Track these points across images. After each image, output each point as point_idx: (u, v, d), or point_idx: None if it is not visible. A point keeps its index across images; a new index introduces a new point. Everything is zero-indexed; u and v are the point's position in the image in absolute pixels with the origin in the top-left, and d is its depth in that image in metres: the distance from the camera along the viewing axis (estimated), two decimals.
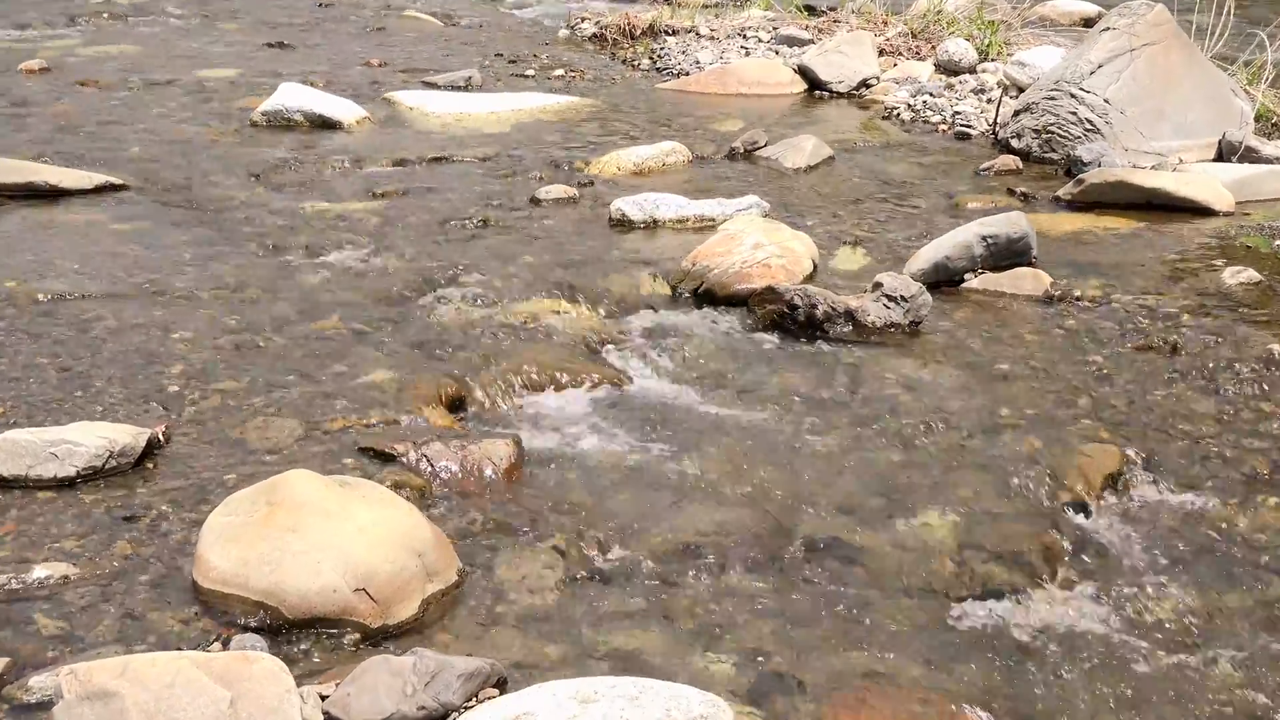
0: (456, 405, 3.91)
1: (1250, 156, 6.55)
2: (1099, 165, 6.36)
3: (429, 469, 3.41)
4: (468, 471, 3.43)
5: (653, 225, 5.73)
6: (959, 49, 8.94)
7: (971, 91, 8.39)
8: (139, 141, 6.98)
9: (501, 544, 3.11)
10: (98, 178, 6.08)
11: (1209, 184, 6.05)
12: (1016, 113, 7.22)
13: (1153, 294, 4.87)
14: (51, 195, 5.89)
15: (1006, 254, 5.05)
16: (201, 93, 8.28)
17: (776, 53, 9.77)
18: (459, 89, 8.71)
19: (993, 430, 3.79)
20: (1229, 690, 2.71)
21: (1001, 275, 4.99)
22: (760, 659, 2.74)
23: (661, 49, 10.17)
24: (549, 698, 2.31)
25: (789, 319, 4.56)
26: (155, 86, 8.41)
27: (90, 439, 3.33)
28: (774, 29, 10.35)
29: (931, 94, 8.37)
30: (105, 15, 11.16)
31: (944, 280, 5.00)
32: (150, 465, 3.40)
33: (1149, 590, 3.05)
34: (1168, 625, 2.93)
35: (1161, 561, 3.17)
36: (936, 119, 8.00)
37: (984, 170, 6.79)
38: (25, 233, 5.41)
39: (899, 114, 8.20)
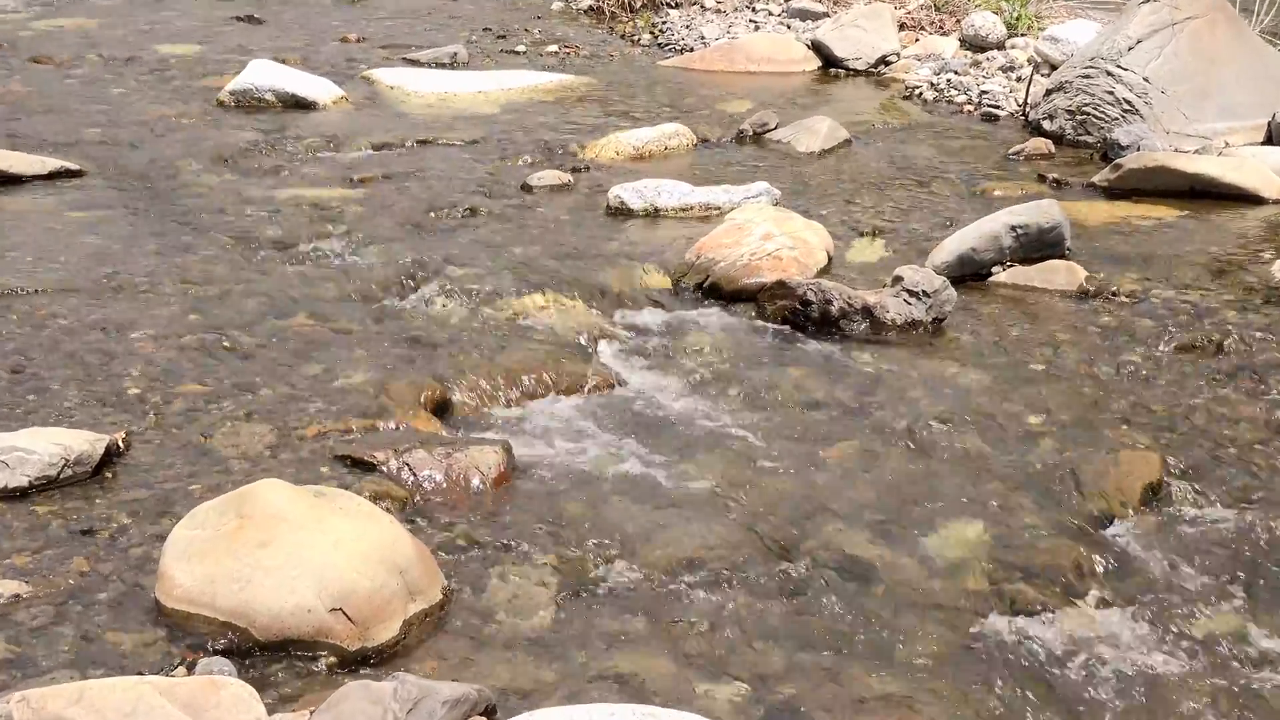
0: (441, 410, 3.91)
1: None
2: (1138, 149, 6.36)
3: (411, 479, 3.41)
4: (453, 481, 3.43)
5: (653, 214, 5.73)
6: (986, 23, 8.95)
7: (999, 69, 8.39)
8: (97, 123, 6.98)
9: (490, 560, 3.11)
10: (52, 163, 6.08)
11: (1258, 169, 6.06)
12: (1048, 92, 7.22)
13: (1196, 289, 4.87)
14: (1, 181, 5.89)
15: (1037, 245, 5.05)
16: (164, 70, 8.29)
17: (788, 27, 9.78)
18: (444, 67, 8.71)
19: (1022, 437, 3.79)
20: None
21: (1032, 268, 4.99)
22: (770, 686, 2.74)
23: (664, 23, 10.18)
24: None
25: (801, 316, 4.56)
26: (114, 63, 8.42)
27: (44, 446, 3.33)
28: (785, 1, 10.36)
29: (956, 72, 8.37)
30: None
31: (970, 274, 5.00)
32: (109, 474, 3.40)
33: (1192, 612, 3.05)
34: (1213, 650, 2.93)
35: (1205, 581, 3.17)
36: (961, 99, 8.01)
37: (1013, 154, 6.79)
38: None
39: (921, 93, 8.20)
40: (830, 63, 8.93)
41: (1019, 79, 8.12)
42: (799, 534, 3.28)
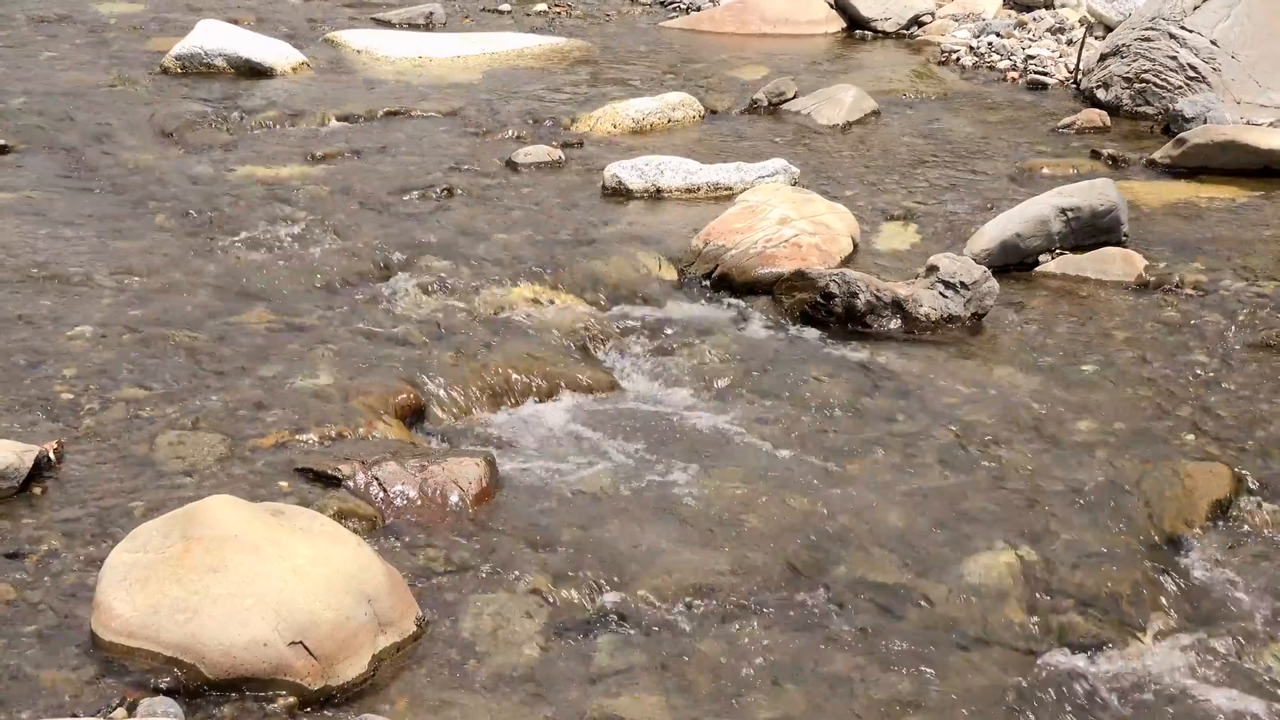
0: (415, 416, 3.91)
1: None
2: (1204, 121, 6.37)
3: (381, 495, 3.41)
4: (429, 498, 3.43)
5: (655, 195, 5.73)
6: None
7: (1048, 31, 8.40)
8: (25, 92, 6.98)
9: (470, 587, 3.11)
10: None
11: None
12: (1103, 57, 7.23)
13: (1270, 279, 4.87)
14: None
15: (1090, 230, 5.05)
16: (102, 32, 8.29)
17: None
18: (417, 28, 8.72)
19: (1073, 448, 3.79)
20: None
21: (1084, 257, 5.00)
22: None
23: None
24: None
25: (823, 311, 4.56)
26: (44, 25, 8.42)
27: None
28: None
29: (999, 34, 8.37)
30: None
31: (1013, 263, 5.00)
32: (39, 490, 3.40)
33: (1265, 643, 3.05)
34: None
35: None
36: (1005, 65, 8.01)
37: (1063, 128, 6.79)
38: None
39: (959, 58, 8.21)
40: (856, 23, 8.93)
41: (1070, 42, 8.13)
42: (820, 558, 3.28)
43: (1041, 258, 5.02)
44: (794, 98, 7.15)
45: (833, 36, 8.86)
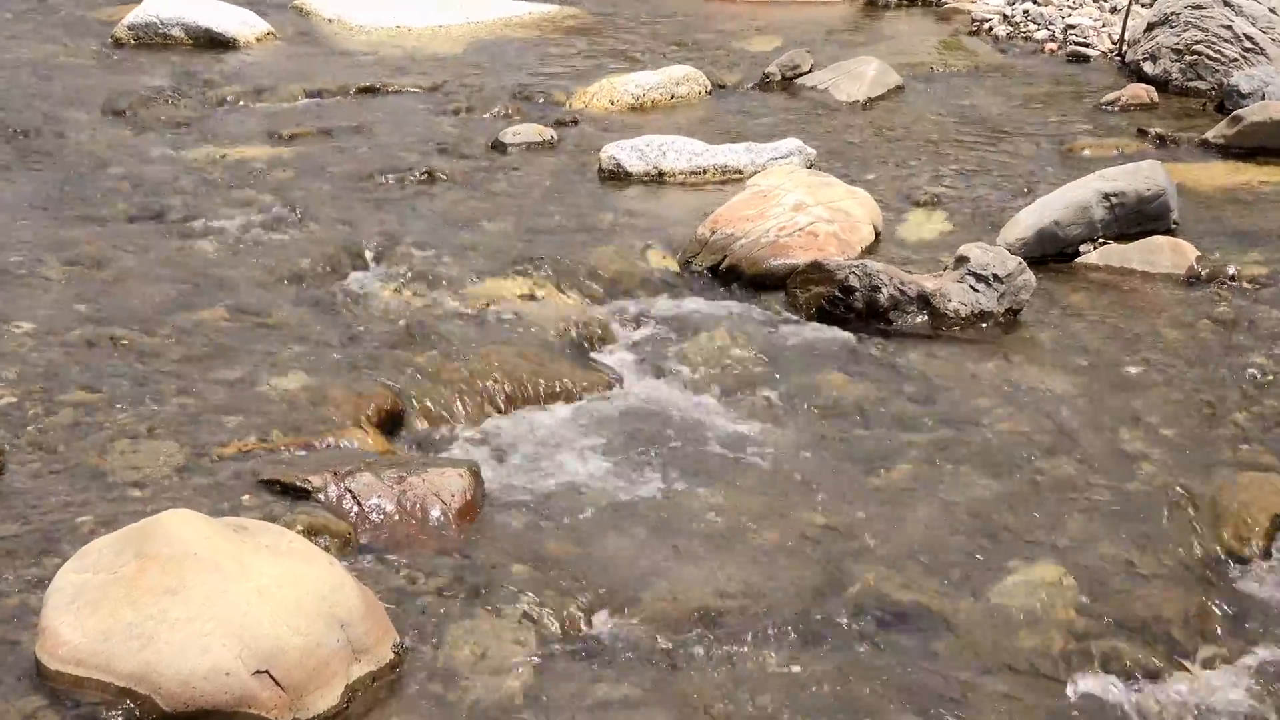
0: (392, 423, 3.91)
1: None
2: (1262, 97, 6.36)
3: (355, 509, 3.41)
4: (408, 512, 3.43)
5: (657, 179, 5.73)
6: None
7: None
8: None
9: (453, 610, 3.11)
10: None
11: None
12: (1150, 26, 7.22)
13: None
14: None
15: (1136, 218, 5.05)
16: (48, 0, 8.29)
17: None
18: None
19: (1118, 458, 3.79)
20: None
21: (1129, 246, 4.99)
22: None
23: None
24: None
25: (842, 306, 4.56)
26: None
27: None
28: None
29: (1035, 1, 8.37)
30: None
31: (1051, 253, 5.00)
32: None
33: None
34: None
35: None
36: (1042, 35, 8.01)
37: (1106, 104, 6.79)
38: None
39: (991, 28, 8.20)
40: None
41: (1114, 10, 8.12)
42: (838, 578, 3.28)
43: (1082, 248, 5.02)
44: (810, 71, 7.15)
45: (852, 4, 8.85)
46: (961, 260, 4.59)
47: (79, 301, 4.48)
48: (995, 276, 4.53)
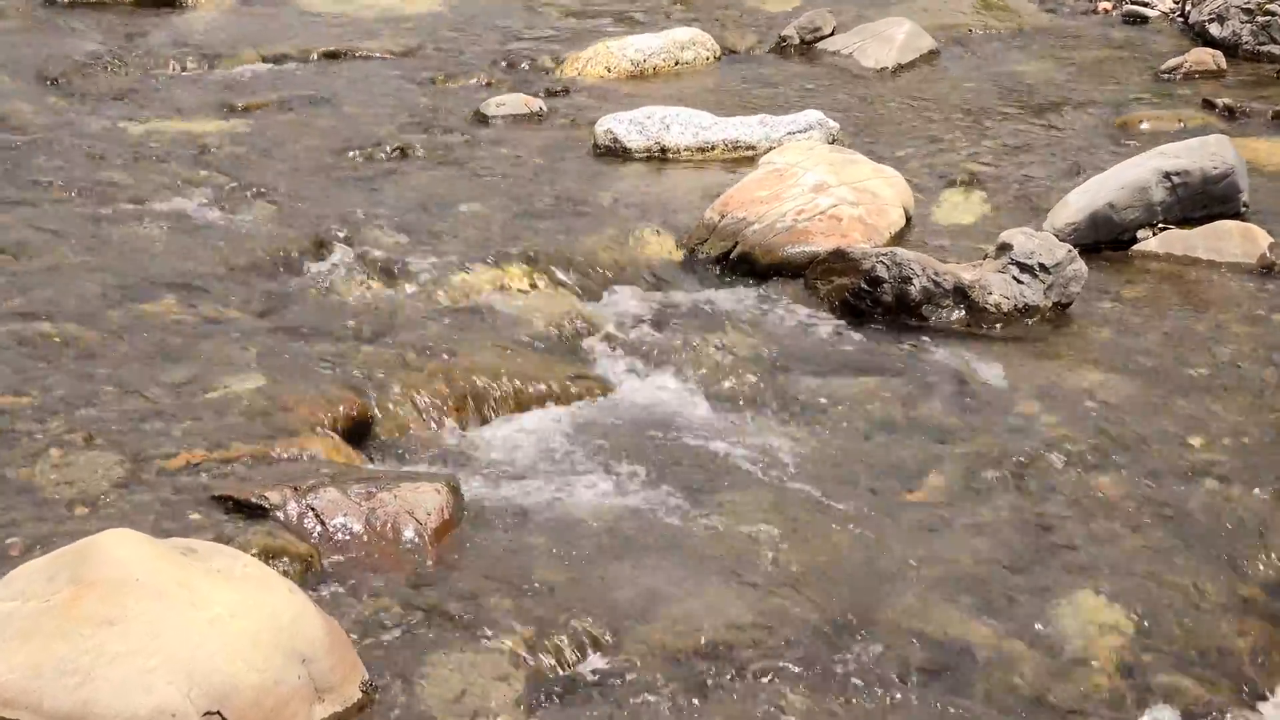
0: (360, 431, 3.91)
1: None
2: None
3: (318, 529, 3.41)
4: (378, 532, 3.43)
5: (659, 156, 5.73)
6: None
7: None
8: None
9: (429, 643, 3.11)
10: None
11: None
12: None
13: None
14: None
15: (1201, 200, 5.04)
16: None
17: None
18: None
19: (1180, 471, 3.79)
20: None
21: (1193, 232, 4.99)
22: None
23: None
24: None
25: (868, 299, 4.57)
26: None
27: None
28: None
29: None
30: None
31: (1105, 240, 5.00)
32: None
33: None
34: None
35: None
36: None
37: (1167, 72, 6.78)
38: None
39: None
40: None
41: None
42: (867, 606, 3.28)
43: (1140, 234, 5.02)
44: (832, 34, 7.15)
45: None
46: (1004, 248, 4.59)
47: (6, 294, 4.48)
48: (1041, 266, 4.53)
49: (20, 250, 4.78)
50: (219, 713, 2.73)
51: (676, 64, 6.80)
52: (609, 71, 6.68)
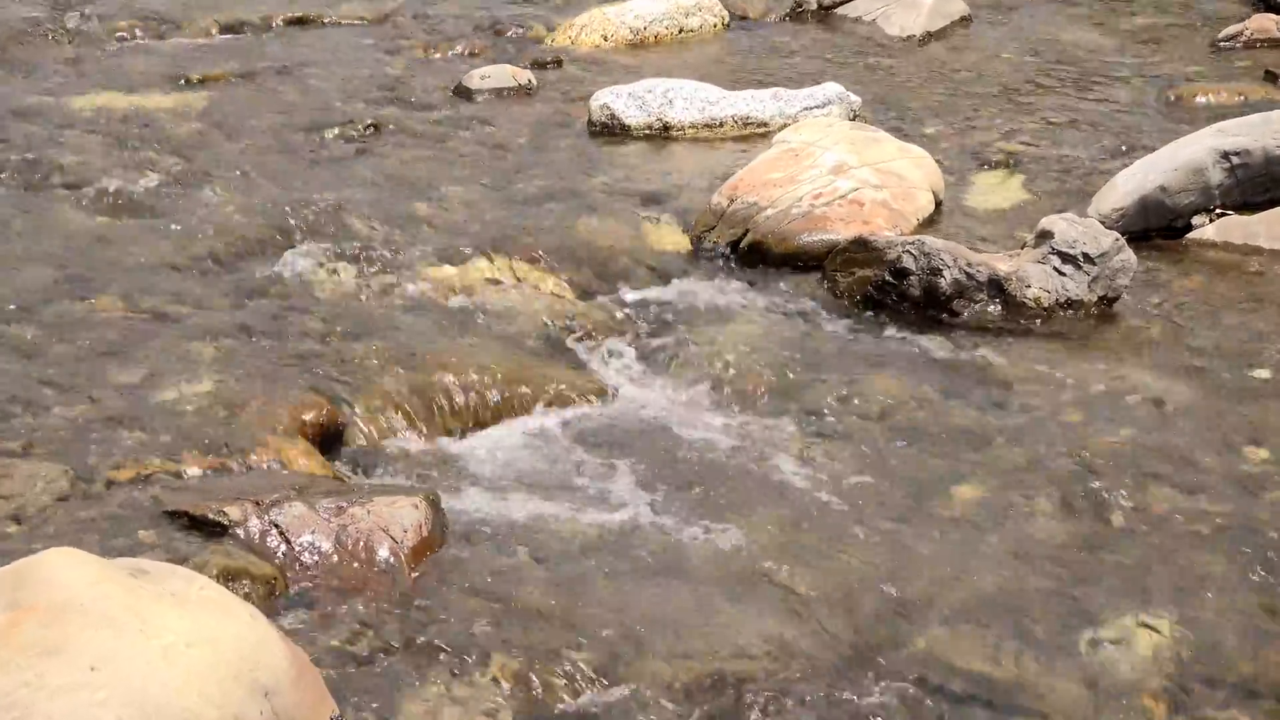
0: (330, 439, 3.91)
1: None
2: None
3: (283, 548, 3.41)
4: (349, 552, 3.43)
5: (662, 134, 5.73)
6: None
7: None
8: None
9: (405, 674, 3.12)
10: None
11: None
12: None
13: None
14: None
15: (1263, 182, 5.04)
16: None
17: None
18: None
19: (1240, 483, 3.79)
20: None
21: (1255, 218, 4.99)
22: None
23: None
24: None
25: (894, 292, 4.57)
26: None
27: None
28: None
29: None
30: None
31: (1157, 227, 5.00)
32: None
33: None
34: None
35: None
36: None
37: (1226, 40, 6.78)
38: None
39: None
40: None
41: None
42: (888, 635, 3.28)
43: (1195, 220, 5.02)
44: None
45: None
46: (1044, 236, 4.59)
47: None
48: (1085, 256, 4.53)
49: None
50: None
51: (681, 32, 6.81)
52: (606, 40, 6.68)
